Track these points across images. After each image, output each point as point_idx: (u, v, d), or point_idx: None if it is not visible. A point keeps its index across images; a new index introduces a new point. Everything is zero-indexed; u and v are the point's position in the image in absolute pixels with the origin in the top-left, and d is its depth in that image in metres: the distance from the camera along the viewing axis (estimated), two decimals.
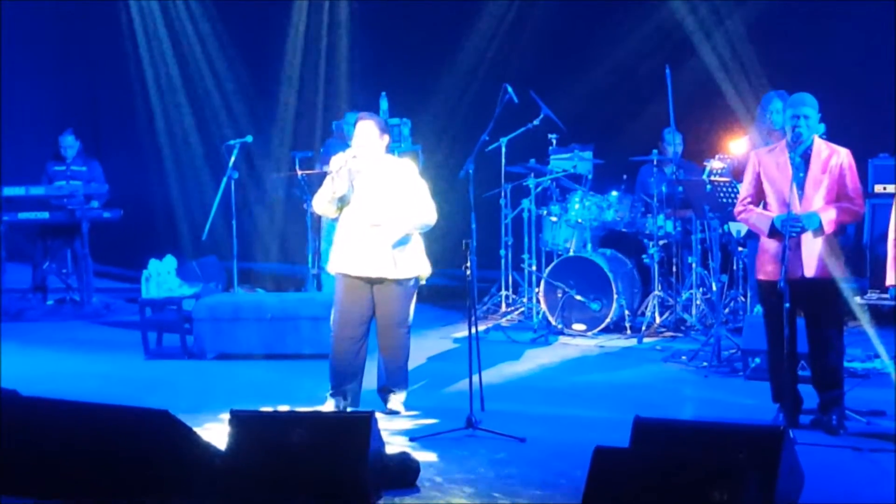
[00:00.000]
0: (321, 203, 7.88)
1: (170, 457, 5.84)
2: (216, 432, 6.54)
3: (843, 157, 7.27)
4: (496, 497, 6.06)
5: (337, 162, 7.75)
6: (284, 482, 5.79)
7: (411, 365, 8.12)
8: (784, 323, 7.03)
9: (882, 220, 10.12)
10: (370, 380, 7.98)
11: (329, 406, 7.81)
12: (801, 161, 7.24)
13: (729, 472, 5.14)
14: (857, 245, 10.40)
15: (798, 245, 7.17)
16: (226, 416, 6.09)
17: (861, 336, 8.60)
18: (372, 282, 7.78)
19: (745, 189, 7.52)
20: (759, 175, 7.40)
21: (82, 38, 14.72)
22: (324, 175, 7.89)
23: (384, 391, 7.96)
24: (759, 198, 7.40)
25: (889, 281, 7.28)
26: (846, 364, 7.64)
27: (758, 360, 8.64)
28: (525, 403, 8.24)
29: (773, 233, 7.19)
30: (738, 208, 7.56)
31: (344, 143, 12.00)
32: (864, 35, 11.43)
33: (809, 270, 7.18)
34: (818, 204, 7.20)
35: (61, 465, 5.91)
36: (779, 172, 7.25)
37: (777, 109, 9.31)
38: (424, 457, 6.59)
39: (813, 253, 7.18)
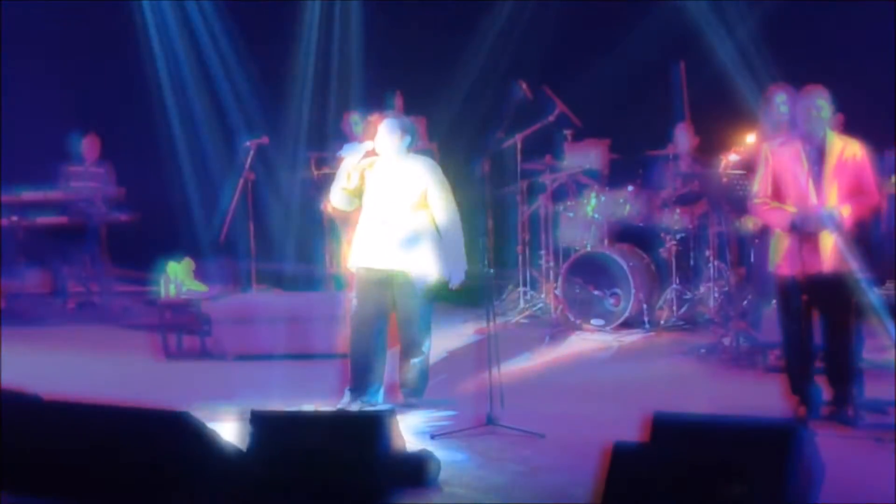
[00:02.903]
0: (334, 195, 7.94)
1: (190, 457, 5.87)
2: (236, 432, 6.56)
3: (856, 149, 7.23)
4: (517, 493, 6.07)
5: (350, 150, 7.81)
6: (305, 481, 5.81)
7: (430, 361, 8.14)
8: (796, 317, 7.05)
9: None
10: (390, 374, 8.00)
11: (348, 401, 7.83)
12: (816, 154, 7.23)
13: (748, 467, 5.14)
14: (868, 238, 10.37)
15: (813, 240, 7.17)
16: (246, 417, 6.11)
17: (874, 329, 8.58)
18: (392, 277, 7.80)
19: (758, 183, 7.49)
20: (771, 169, 7.38)
21: (95, 40, 14.74)
22: None
23: (403, 387, 7.98)
24: (772, 192, 7.38)
25: None
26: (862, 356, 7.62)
27: (776, 352, 8.65)
28: (544, 399, 8.26)
29: (793, 227, 7.19)
30: (751, 202, 7.55)
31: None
32: (877, 29, 11.40)
33: (825, 265, 7.17)
34: (835, 197, 7.17)
35: (84, 467, 5.95)
36: (793, 166, 7.22)
37: (784, 101, 9.28)
38: (444, 454, 6.60)
39: (828, 247, 7.16)
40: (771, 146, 7.48)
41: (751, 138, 9.78)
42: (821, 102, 7.20)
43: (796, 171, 7.19)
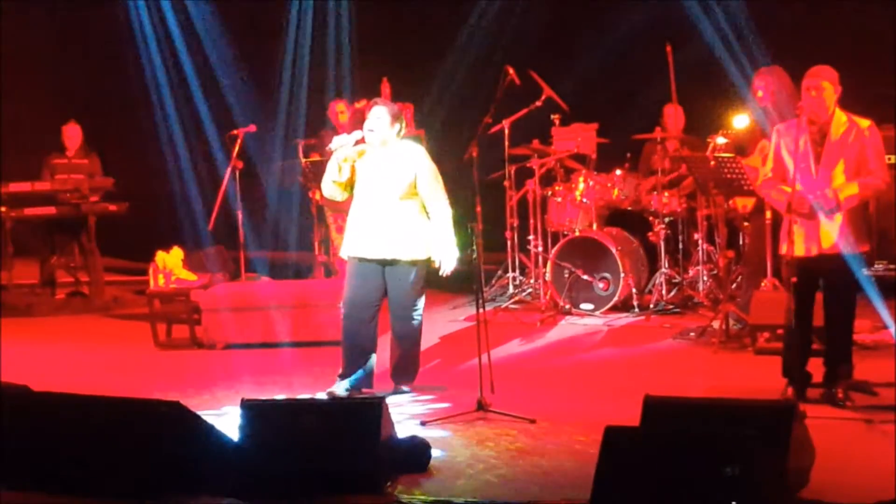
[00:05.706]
0: (326, 188, 7.94)
1: (182, 447, 5.87)
2: (228, 421, 6.57)
3: (863, 128, 7.18)
4: (508, 478, 6.08)
5: (339, 143, 7.80)
6: (296, 469, 5.82)
7: (421, 347, 8.14)
8: (793, 298, 7.06)
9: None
10: (381, 361, 8.01)
11: (340, 388, 7.83)
12: (819, 134, 7.21)
13: (739, 448, 5.15)
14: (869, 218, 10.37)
15: (815, 220, 7.16)
16: (237, 405, 6.11)
17: (868, 307, 8.60)
18: (384, 264, 7.80)
19: (768, 164, 7.51)
20: (779, 150, 7.37)
21: (83, 30, 14.69)
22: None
23: (395, 373, 7.99)
24: (780, 173, 7.37)
25: None
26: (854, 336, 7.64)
27: (765, 335, 8.67)
28: (535, 384, 8.27)
29: (788, 209, 7.18)
30: (760, 183, 7.56)
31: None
32: (869, 5, 11.39)
33: (823, 246, 7.17)
34: (837, 178, 7.15)
35: (73, 459, 5.94)
36: (795, 147, 7.17)
37: (761, 86, 9.27)
38: (436, 440, 6.60)
39: (829, 228, 7.16)
40: (779, 128, 7.46)
41: (739, 119, 9.78)
42: (825, 83, 7.18)
43: (797, 153, 7.16)
